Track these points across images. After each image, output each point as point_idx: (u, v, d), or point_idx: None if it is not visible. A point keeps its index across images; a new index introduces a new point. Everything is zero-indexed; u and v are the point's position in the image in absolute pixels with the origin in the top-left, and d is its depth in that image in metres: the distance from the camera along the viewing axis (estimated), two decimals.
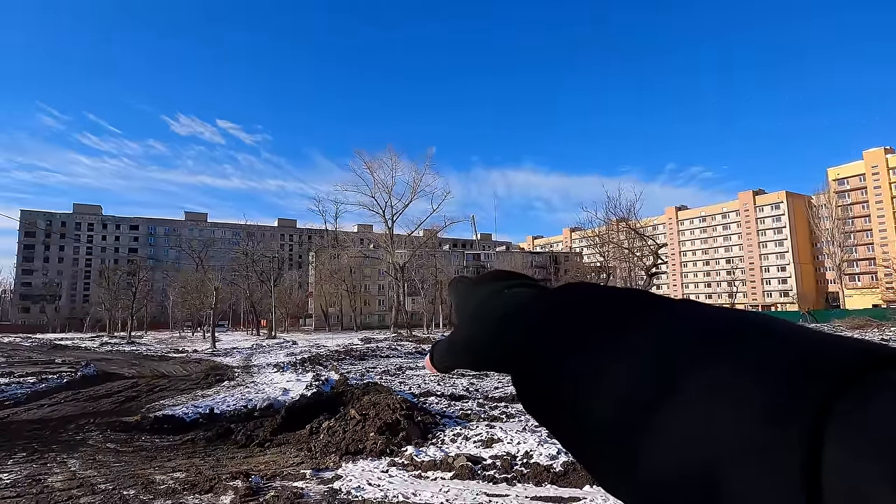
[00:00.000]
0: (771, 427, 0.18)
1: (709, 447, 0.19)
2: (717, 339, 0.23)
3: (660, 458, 0.21)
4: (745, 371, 0.20)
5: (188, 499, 4.56)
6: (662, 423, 0.21)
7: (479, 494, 4.63)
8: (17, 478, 5.14)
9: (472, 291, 0.42)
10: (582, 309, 0.30)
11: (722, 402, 0.20)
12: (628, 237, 35.07)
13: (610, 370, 0.25)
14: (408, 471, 5.39)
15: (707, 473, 0.19)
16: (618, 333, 0.26)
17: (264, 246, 69.44)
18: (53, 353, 25.26)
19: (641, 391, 0.23)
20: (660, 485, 0.21)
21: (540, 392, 0.29)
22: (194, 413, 8.62)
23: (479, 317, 0.38)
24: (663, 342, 0.24)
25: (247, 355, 23.07)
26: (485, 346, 0.36)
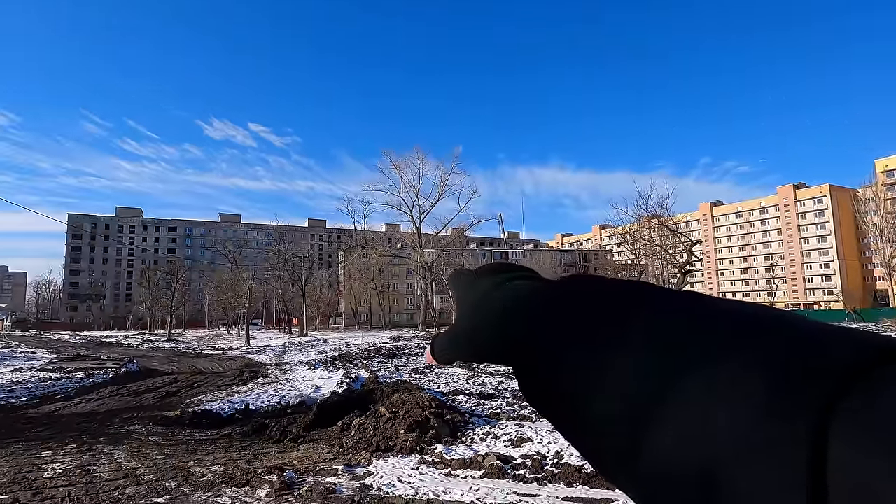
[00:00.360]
0: (775, 423, 0.18)
1: (711, 443, 0.19)
2: (722, 334, 0.22)
3: (661, 452, 0.21)
4: (749, 366, 0.20)
5: (226, 491, 4.71)
6: (665, 417, 0.21)
7: (510, 494, 4.62)
8: (68, 468, 5.42)
9: (472, 283, 0.41)
10: (584, 301, 0.30)
11: (725, 398, 0.20)
12: (661, 234, 34.21)
13: (613, 363, 0.25)
14: (438, 469, 5.42)
15: (709, 469, 0.19)
16: (621, 326, 0.26)
17: (295, 246, 70.87)
18: (99, 350, 26.51)
19: (644, 385, 0.23)
20: (661, 478, 0.21)
21: (541, 384, 0.29)
22: (230, 409, 8.89)
23: (481, 308, 0.38)
24: (667, 335, 0.24)
25: (279, 353, 23.62)
26: (486, 338, 0.36)
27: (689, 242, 27.01)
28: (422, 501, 4.43)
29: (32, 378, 13.70)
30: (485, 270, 0.43)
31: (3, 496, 4.55)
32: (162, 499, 4.50)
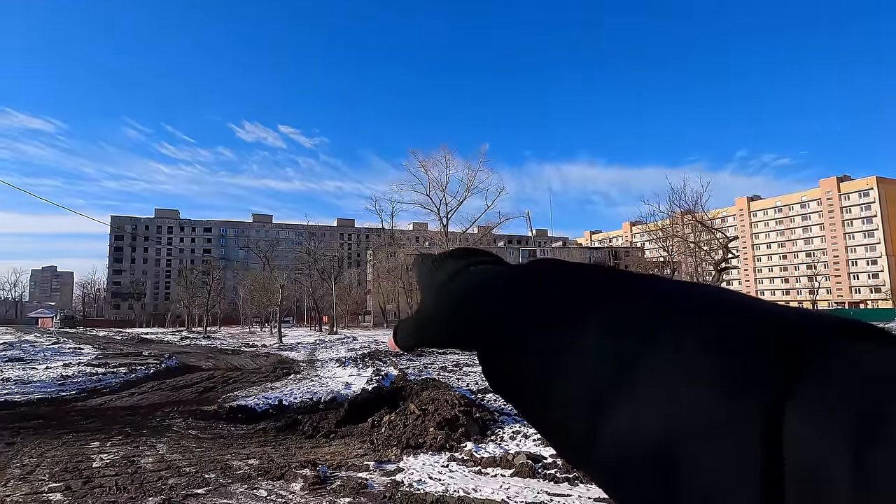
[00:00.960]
0: (730, 400, 0.18)
1: (669, 422, 0.19)
2: (679, 314, 0.23)
3: (621, 433, 0.21)
4: (704, 345, 0.20)
5: (262, 484, 4.85)
6: (623, 399, 0.21)
7: (541, 493, 4.59)
8: (115, 458, 5.68)
9: (436, 268, 0.41)
10: (548, 285, 0.30)
11: (682, 377, 0.20)
12: (694, 230, 33.20)
13: (573, 346, 0.25)
14: (467, 466, 5.43)
15: (666, 448, 0.19)
16: (582, 309, 0.26)
17: (325, 245, 72.17)
18: (140, 346, 27.63)
19: (602, 367, 0.23)
20: (621, 460, 0.21)
21: (505, 368, 0.29)
22: (265, 404, 9.12)
23: (444, 293, 0.37)
24: (624, 318, 0.24)
25: (310, 350, 24.09)
26: (449, 323, 0.35)
27: (724, 239, 26.14)
28: (452, 499, 4.45)
29: (80, 373, 14.39)
30: (448, 255, 0.42)
31: (57, 483, 4.80)
32: (202, 490, 4.67)
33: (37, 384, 12.11)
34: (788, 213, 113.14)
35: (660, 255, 42.69)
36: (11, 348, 23.50)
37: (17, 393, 10.73)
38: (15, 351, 22.09)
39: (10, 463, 5.48)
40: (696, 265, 41.64)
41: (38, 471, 5.21)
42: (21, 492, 4.60)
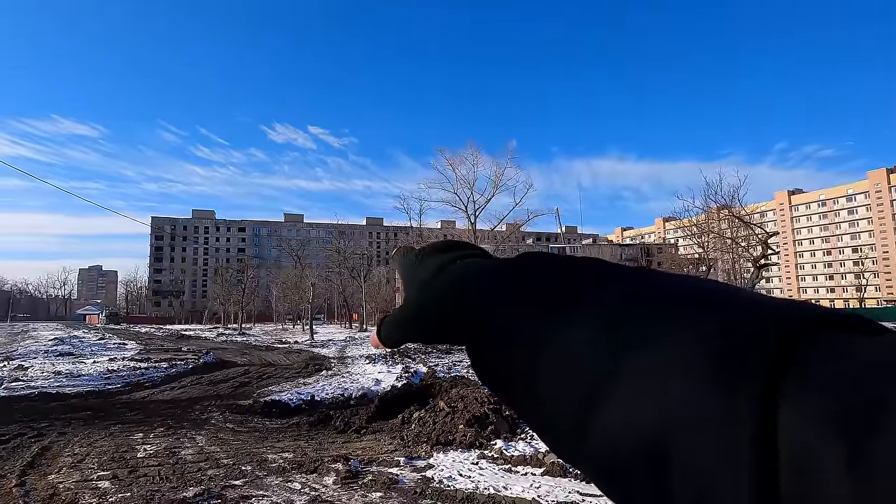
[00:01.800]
0: (721, 394, 0.18)
1: (659, 416, 0.19)
2: (669, 308, 0.22)
3: (612, 427, 0.21)
4: (694, 338, 0.20)
5: (296, 477, 4.96)
6: (614, 392, 0.21)
7: (572, 493, 4.53)
8: (157, 449, 5.92)
9: (420, 262, 0.40)
10: (536, 278, 0.29)
11: (671, 371, 0.20)
12: (731, 226, 32.05)
13: (563, 340, 0.25)
14: (497, 464, 5.42)
15: (658, 442, 0.19)
16: (571, 302, 0.26)
17: (354, 244, 73.16)
18: (180, 343, 28.68)
19: (593, 361, 0.23)
20: (612, 454, 0.21)
21: (493, 362, 0.29)
22: (298, 399, 9.33)
23: (430, 287, 0.37)
24: (615, 311, 0.24)
25: (341, 347, 24.48)
26: (436, 317, 0.35)
27: (764, 234, 25.14)
28: (482, 496, 4.45)
29: (125, 367, 15.05)
30: (432, 249, 0.41)
31: (105, 472, 5.05)
32: (239, 481, 4.82)
33: (85, 377, 12.74)
34: (833, 207, 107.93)
35: (694, 252, 41.44)
36: (62, 343, 24.81)
37: (67, 385, 11.31)
38: (65, 346, 23.30)
39: (62, 451, 5.78)
40: (734, 262, 40.23)
41: (87, 459, 5.48)
42: (72, 479, 4.85)
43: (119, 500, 4.29)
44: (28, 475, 4.92)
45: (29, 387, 10.99)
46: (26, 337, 32.77)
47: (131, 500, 4.30)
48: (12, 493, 4.41)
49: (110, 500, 4.31)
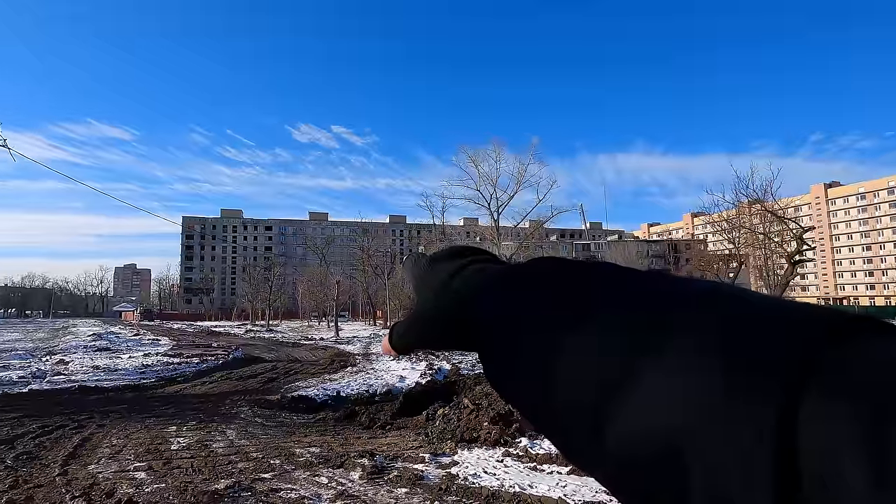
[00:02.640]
0: (741, 400, 0.18)
1: (676, 423, 0.19)
2: (684, 312, 0.22)
3: (626, 435, 0.21)
4: (713, 343, 0.20)
5: (323, 472, 5.04)
6: (628, 398, 0.21)
7: (599, 492, 4.47)
8: (190, 442, 6.09)
9: (431, 269, 0.40)
10: (548, 284, 0.29)
11: (689, 377, 0.19)
12: (764, 221, 31.02)
13: (575, 347, 0.24)
14: (523, 462, 5.38)
15: (675, 449, 0.19)
16: (584, 308, 0.26)
17: (378, 241, 73.72)
18: (210, 339, 29.47)
19: (607, 368, 0.22)
20: (627, 462, 0.21)
21: (506, 370, 0.29)
22: (324, 395, 9.47)
23: (441, 294, 0.37)
24: (629, 317, 0.23)
25: (366, 344, 24.73)
26: (447, 324, 0.35)
27: (799, 229, 24.25)
28: (508, 494, 4.43)
29: (158, 362, 15.56)
30: (442, 255, 0.42)
31: (141, 463, 5.22)
32: (268, 475, 4.91)
33: (121, 372, 13.21)
34: (874, 201, 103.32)
35: (725, 248, 40.29)
36: (100, 339, 25.81)
37: (105, 379, 11.75)
38: (102, 341, 24.22)
39: (101, 443, 6.01)
40: (766, 258, 38.95)
41: (124, 451, 5.69)
42: (111, 470, 5.03)
43: (154, 491, 4.43)
44: (70, 465, 5.13)
45: (70, 380, 11.47)
46: (66, 333, 34.24)
47: (166, 491, 4.44)
48: (56, 483, 4.60)
49: (146, 490, 4.45)
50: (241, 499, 4.29)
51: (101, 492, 4.38)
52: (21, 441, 5.97)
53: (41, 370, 12.82)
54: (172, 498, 4.26)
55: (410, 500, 4.33)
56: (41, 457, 5.40)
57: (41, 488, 4.46)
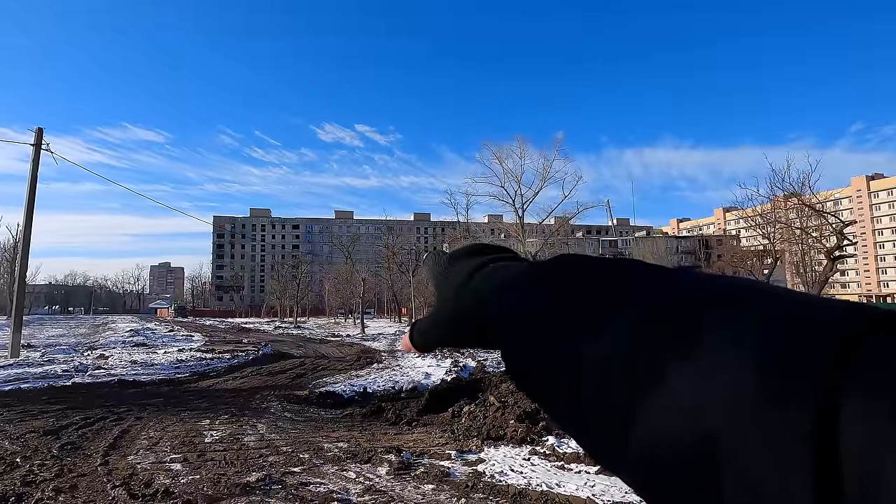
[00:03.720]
0: (778, 400, 0.17)
1: (708, 423, 0.18)
2: (714, 309, 0.21)
3: (655, 435, 0.20)
4: (746, 341, 0.19)
5: (351, 466, 5.10)
6: (658, 397, 0.20)
7: (629, 493, 4.39)
8: (223, 435, 6.27)
9: (451, 266, 0.40)
10: (571, 281, 0.29)
11: (722, 376, 0.19)
12: (801, 215, 29.84)
13: (600, 344, 0.24)
14: (550, 461, 5.33)
15: (706, 449, 0.18)
16: (609, 305, 0.25)
17: (402, 239, 74.18)
18: (241, 335, 30.22)
19: (635, 366, 0.22)
20: (656, 461, 0.20)
21: (528, 367, 0.28)
22: (351, 391, 9.59)
23: (463, 292, 0.37)
24: (658, 313, 0.23)
25: (391, 340, 24.94)
26: (469, 322, 0.35)
27: (839, 223, 23.24)
28: (535, 493, 4.40)
29: (192, 357, 16.02)
30: (461, 253, 0.41)
31: (176, 455, 5.39)
32: (298, 469, 5.01)
33: (157, 366, 13.67)
34: None
35: (759, 244, 38.98)
36: (137, 335, 26.79)
37: (142, 374, 12.18)
38: (139, 337, 25.13)
39: (139, 435, 6.24)
40: (803, 254, 37.50)
41: (161, 443, 5.88)
42: (148, 461, 5.22)
43: (189, 483, 4.57)
44: (110, 455, 5.34)
45: (109, 374, 11.94)
46: (106, 329, 35.66)
47: (200, 482, 4.57)
48: (98, 472, 4.80)
49: (182, 482, 4.60)
50: (272, 492, 4.38)
51: (140, 482, 4.55)
52: (66, 432, 6.24)
53: (83, 364, 13.39)
54: (207, 489, 4.39)
55: (437, 497, 4.35)
56: (84, 447, 5.64)
57: (84, 477, 4.66)
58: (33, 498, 4.13)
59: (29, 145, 16.31)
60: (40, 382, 10.42)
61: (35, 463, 5.00)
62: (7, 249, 61.80)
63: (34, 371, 11.92)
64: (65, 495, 4.22)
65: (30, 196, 16.23)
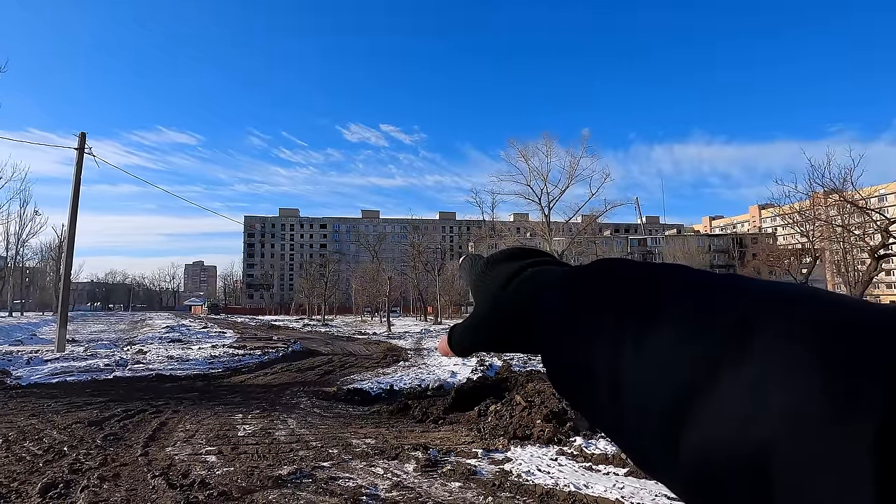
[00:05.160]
0: (838, 411, 0.16)
1: (763, 433, 0.18)
2: (768, 316, 0.20)
3: (705, 442, 0.20)
4: (804, 350, 0.18)
5: (378, 463, 5.17)
6: (708, 405, 0.20)
7: (659, 497, 4.32)
8: (255, 429, 6.44)
9: (489, 270, 0.40)
10: (615, 285, 0.28)
11: (778, 381, 0.18)
12: (842, 212, 28.62)
13: (649, 350, 0.23)
14: (577, 462, 5.29)
15: (761, 459, 0.18)
16: (655, 310, 0.24)
17: (428, 238, 74.52)
18: (271, 332, 30.94)
19: (684, 372, 0.21)
20: (706, 470, 0.19)
21: (571, 372, 0.28)
22: (378, 388, 9.71)
23: (502, 297, 0.37)
24: (706, 316, 0.22)
25: (417, 339, 25.09)
26: (509, 327, 0.35)
27: (883, 221, 22.16)
28: (563, 493, 4.37)
29: (224, 353, 16.51)
30: (499, 257, 0.41)
31: (211, 448, 5.58)
32: (327, 463, 5.11)
33: (192, 362, 14.14)
34: None
35: (797, 242, 37.53)
36: (172, 331, 27.77)
37: (178, 368, 12.62)
38: (175, 333, 26.04)
39: (176, 427, 6.47)
40: (845, 253, 35.92)
41: (196, 435, 6.09)
42: (185, 452, 5.41)
43: (224, 474, 4.72)
44: (150, 446, 5.56)
45: (148, 368, 12.41)
46: (144, 325, 37.08)
47: (234, 474, 4.72)
48: (138, 462, 5.01)
49: (217, 473, 4.75)
50: (302, 485, 4.49)
51: (178, 472, 4.72)
52: (108, 423, 6.53)
53: (123, 359, 13.96)
54: (241, 481, 4.53)
55: (465, 495, 4.37)
56: (125, 438, 5.89)
57: (126, 467, 4.87)
58: (80, 485, 4.35)
59: (73, 149, 17.09)
60: (84, 375, 10.93)
61: (81, 452, 5.26)
62: (53, 249, 64.88)
63: (79, 365, 12.50)
64: (108, 483, 4.42)
65: (74, 198, 17.00)
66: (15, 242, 53.73)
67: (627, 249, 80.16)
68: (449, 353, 0.43)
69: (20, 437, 5.80)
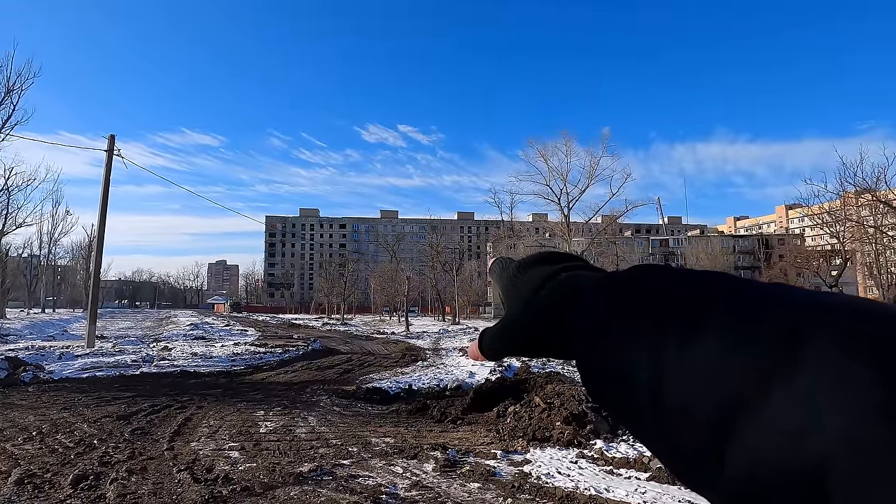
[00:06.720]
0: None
1: (819, 446, 0.17)
2: (818, 326, 0.20)
3: (752, 456, 0.19)
4: (849, 362, 0.18)
5: (398, 462, 5.20)
6: (757, 416, 0.19)
7: (682, 502, 4.24)
8: (276, 426, 6.54)
9: (521, 275, 0.39)
10: (655, 292, 0.27)
11: (835, 394, 0.17)
12: (874, 212, 27.64)
13: (693, 358, 0.22)
14: (598, 465, 5.23)
15: (815, 477, 0.17)
16: (698, 318, 0.24)
17: (446, 238, 74.61)
18: (291, 331, 31.35)
19: (730, 382, 0.20)
20: (751, 486, 0.19)
21: (609, 381, 0.27)
22: (396, 387, 9.75)
23: (534, 301, 0.36)
24: (753, 325, 0.21)
25: (435, 339, 25.11)
26: (543, 333, 0.34)
27: None
28: (583, 496, 4.32)
29: (246, 351, 16.79)
30: (531, 261, 0.40)
31: (234, 444, 5.68)
32: (347, 461, 5.16)
33: (215, 359, 14.42)
34: None
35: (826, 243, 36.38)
36: (196, 329, 28.38)
37: (202, 365, 12.89)
38: (198, 331, 26.60)
39: (200, 423, 6.61)
40: (877, 254, 34.69)
41: (220, 431, 6.21)
42: (209, 447, 5.53)
43: (247, 470, 4.80)
44: (175, 441, 5.70)
45: (173, 365, 12.71)
46: (169, 322, 38.00)
47: (257, 470, 4.80)
48: (164, 456, 5.14)
49: (240, 469, 4.84)
50: (323, 482, 4.54)
51: (202, 467, 4.83)
52: (136, 417, 6.71)
53: (149, 355, 14.32)
54: (263, 477, 4.60)
55: (483, 496, 4.36)
56: (152, 432, 6.04)
57: (153, 460, 5.00)
58: (109, 477, 4.48)
59: (102, 151, 17.62)
60: (112, 371, 11.25)
61: (110, 445, 5.41)
62: (83, 248, 66.97)
63: (107, 360, 12.87)
64: (136, 476, 4.54)
65: (103, 198, 17.52)
66: (48, 241, 55.69)
67: (649, 250, 78.93)
68: (480, 358, 0.42)
69: (53, 430, 6.00)
